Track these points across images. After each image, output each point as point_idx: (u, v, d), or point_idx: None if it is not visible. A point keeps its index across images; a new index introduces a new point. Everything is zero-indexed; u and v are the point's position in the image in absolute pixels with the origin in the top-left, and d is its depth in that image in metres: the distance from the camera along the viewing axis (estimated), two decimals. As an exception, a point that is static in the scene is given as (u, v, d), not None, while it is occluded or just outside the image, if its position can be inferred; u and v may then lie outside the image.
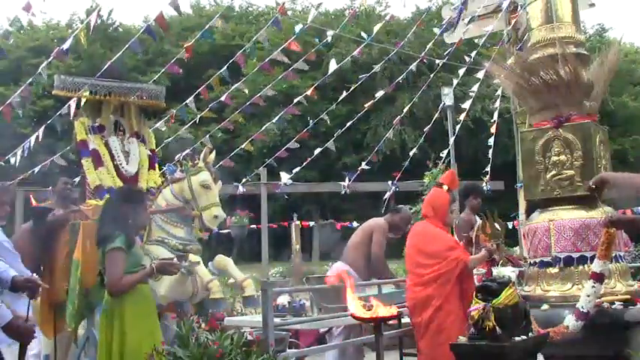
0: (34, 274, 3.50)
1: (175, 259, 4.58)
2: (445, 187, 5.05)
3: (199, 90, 9.96)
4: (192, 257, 4.68)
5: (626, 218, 3.51)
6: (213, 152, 4.93)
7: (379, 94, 11.01)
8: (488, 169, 11.92)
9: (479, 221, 5.55)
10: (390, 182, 11.87)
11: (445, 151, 11.67)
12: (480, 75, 10.54)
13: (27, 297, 3.26)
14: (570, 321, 4.23)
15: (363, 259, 5.77)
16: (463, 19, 10.28)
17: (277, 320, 4.59)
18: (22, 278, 3.20)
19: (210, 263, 4.82)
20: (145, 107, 5.77)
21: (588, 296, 4.18)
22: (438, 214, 4.93)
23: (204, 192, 4.67)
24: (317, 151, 11.27)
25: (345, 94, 10.98)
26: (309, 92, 10.54)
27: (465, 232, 5.63)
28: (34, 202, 4.59)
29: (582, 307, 4.21)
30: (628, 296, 4.48)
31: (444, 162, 12.28)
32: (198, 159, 4.83)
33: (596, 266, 4.24)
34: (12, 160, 8.57)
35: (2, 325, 2.82)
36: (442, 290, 4.64)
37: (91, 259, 4.57)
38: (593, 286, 4.17)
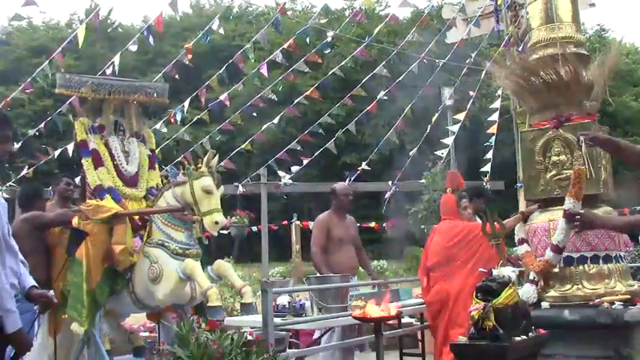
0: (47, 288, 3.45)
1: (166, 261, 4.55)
2: (449, 190, 5.61)
3: (198, 91, 9.97)
4: (190, 261, 4.63)
5: (602, 137, 3.63)
6: (216, 157, 4.87)
7: (380, 94, 11.01)
8: (488, 169, 11.92)
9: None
10: (390, 182, 11.87)
11: (445, 151, 11.66)
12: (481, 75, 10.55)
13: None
14: (548, 254, 4.49)
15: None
16: (465, 20, 10.30)
17: (277, 320, 4.59)
18: (39, 292, 3.20)
19: (209, 268, 4.77)
20: (148, 105, 5.76)
21: (561, 232, 4.40)
22: (450, 213, 5.49)
23: (206, 197, 4.61)
24: (317, 151, 11.27)
25: (346, 97, 10.99)
26: (309, 92, 10.55)
27: None
28: (75, 223, 4.56)
29: (557, 241, 4.44)
30: (628, 296, 4.48)
31: (443, 162, 12.28)
32: (201, 163, 4.78)
33: (567, 204, 4.34)
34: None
35: (11, 332, 2.81)
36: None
37: (93, 260, 4.57)
38: (566, 224, 4.34)
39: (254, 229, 11.50)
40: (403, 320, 6.12)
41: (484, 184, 11.35)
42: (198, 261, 4.67)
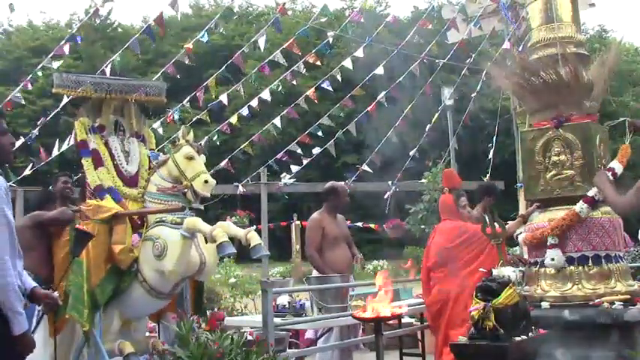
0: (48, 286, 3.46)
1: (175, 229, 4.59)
2: (446, 190, 5.57)
3: (196, 92, 9.96)
4: (190, 218, 4.66)
5: None
6: (192, 131, 4.97)
7: (381, 95, 11.00)
8: (488, 169, 11.91)
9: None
10: (390, 182, 11.86)
11: (445, 151, 11.67)
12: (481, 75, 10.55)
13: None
14: (581, 206, 4.55)
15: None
16: (465, 20, 10.31)
17: (277, 320, 4.59)
18: (43, 293, 3.21)
19: None
20: (147, 104, 5.76)
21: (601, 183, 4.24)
22: (450, 213, 5.45)
23: (189, 163, 4.73)
24: (317, 151, 11.25)
25: (346, 97, 10.99)
26: (309, 92, 10.53)
27: None
28: (81, 226, 4.57)
29: (594, 193, 4.50)
30: (628, 296, 4.48)
31: (443, 162, 12.28)
32: (178, 139, 4.87)
33: (613, 163, 4.60)
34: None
35: (17, 334, 2.82)
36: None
37: (94, 260, 4.57)
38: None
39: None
40: (403, 320, 6.12)
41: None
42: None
